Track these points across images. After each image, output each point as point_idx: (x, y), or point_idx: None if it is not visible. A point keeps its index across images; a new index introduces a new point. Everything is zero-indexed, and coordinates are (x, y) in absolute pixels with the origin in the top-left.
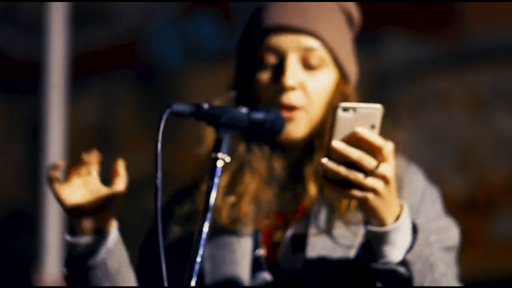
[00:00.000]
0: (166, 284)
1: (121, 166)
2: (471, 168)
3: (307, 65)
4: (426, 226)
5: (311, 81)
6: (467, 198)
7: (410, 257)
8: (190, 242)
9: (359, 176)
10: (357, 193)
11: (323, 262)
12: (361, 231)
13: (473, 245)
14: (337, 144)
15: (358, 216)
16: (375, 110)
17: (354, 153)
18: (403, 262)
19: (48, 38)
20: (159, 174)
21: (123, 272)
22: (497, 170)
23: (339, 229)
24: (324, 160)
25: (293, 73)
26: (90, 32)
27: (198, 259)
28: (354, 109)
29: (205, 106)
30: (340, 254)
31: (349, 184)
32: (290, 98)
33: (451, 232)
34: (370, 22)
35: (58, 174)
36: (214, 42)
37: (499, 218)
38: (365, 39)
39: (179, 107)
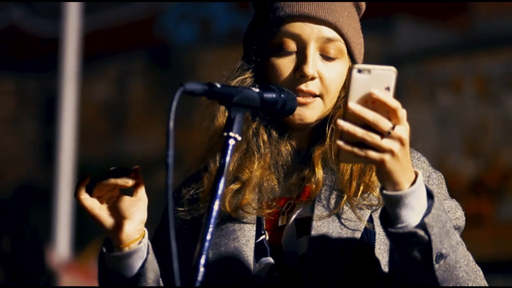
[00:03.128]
0: (176, 273)
1: (138, 177)
2: (481, 151)
3: (325, 55)
4: None
5: (328, 71)
6: (477, 180)
7: (428, 220)
8: (196, 225)
9: (375, 137)
10: (374, 154)
11: (327, 245)
12: (366, 216)
13: (483, 226)
14: (353, 105)
15: (365, 201)
16: (390, 72)
17: (370, 115)
18: (422, 225)
19: (63, 17)
20: (171, 153)
21: (159, 282)
22: (506, 152)
23: (345, 213)
24: (341, 122)
25: (314, 62)
26: (105, 11)
27: (209, 236)
28: (369, 70)
29: (218, 85)
30: (345, 237)
31: (365, 146)
32: (309, 86)
33: (457, 214)
34: (383, 8)
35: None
36: (227, 21)
37: (509, 199)
38: (377, 25)
39: (192, 85)
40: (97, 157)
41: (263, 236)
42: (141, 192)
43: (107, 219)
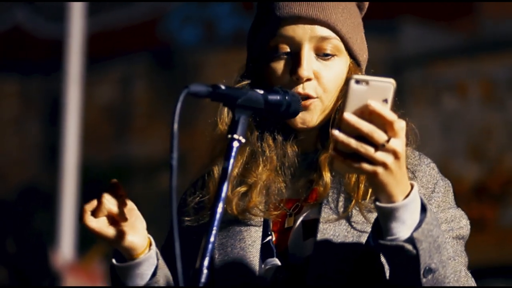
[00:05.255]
0: (181, 279)
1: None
2: (485, 155)
3: (321, 54)
4: (438, 215)
5: (325, 70)
6: (480, 185)
7: (417, 235)
8: (203, 232)
9: (369, 149)
10: (367, 166)
11: (333, 247)
12: (373, 218)
13: (486, 231)
14: (349, 116)
15: (373, 203)
16: (388, 84)
17: (365, 126)
18: (410, 240)
19: (67, 18)
20: (175, 155)
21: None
22: (510, 157)
23: (353, 216)
24: (335, 132)
25: (309, 63)
26: (109, 13)
27: (212, 239)
28: (367, 82)
29: (222, 86)
30: (351, 240)
31: (359, 158)
32: (306, 88)
33: (462, 223)
34: (388, 10)
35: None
36: (231, 23)
37: None
38: (382, 27)
39: (196, 87)
40: (101, 159)
41: (270, 237)
42: (128, 202)
43: (117, 236)
